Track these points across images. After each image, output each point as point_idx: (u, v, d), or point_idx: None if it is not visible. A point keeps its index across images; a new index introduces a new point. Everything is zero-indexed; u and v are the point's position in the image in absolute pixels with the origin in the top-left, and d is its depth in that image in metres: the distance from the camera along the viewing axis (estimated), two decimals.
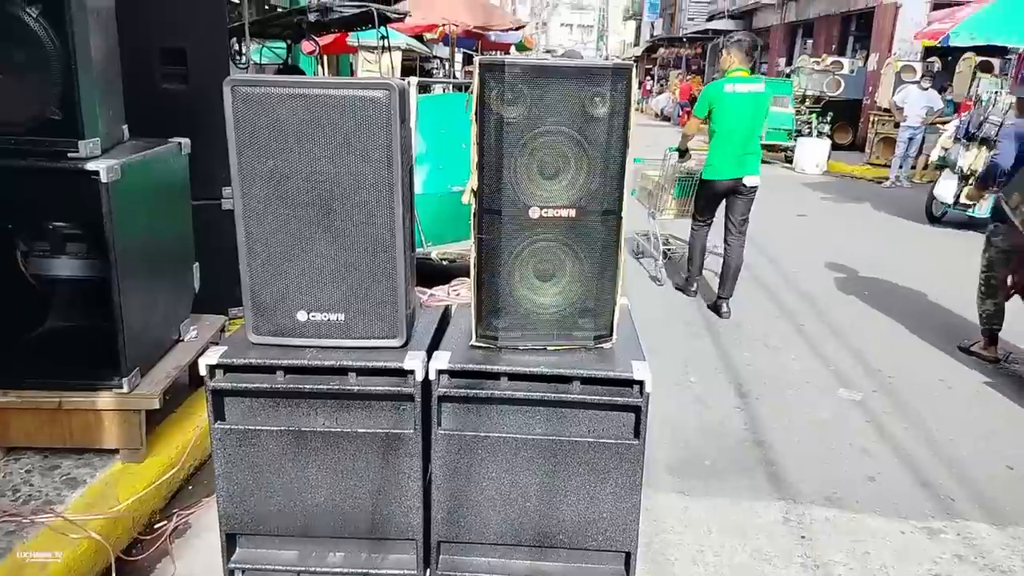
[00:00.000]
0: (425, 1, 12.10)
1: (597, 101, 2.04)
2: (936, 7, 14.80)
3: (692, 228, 5.52)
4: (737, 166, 4.93)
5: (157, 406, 2.67)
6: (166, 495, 2.74)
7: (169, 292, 3.01)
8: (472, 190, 2.10)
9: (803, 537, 2.67)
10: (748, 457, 3.22)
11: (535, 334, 2.20)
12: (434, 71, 21.01)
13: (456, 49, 15.22)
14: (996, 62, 13.53)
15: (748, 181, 4.95)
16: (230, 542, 2.27)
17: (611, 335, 2.23)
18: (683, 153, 5.72)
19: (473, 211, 2.11)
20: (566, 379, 2.10)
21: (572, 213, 2.11)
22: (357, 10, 4.93)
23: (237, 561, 2.28)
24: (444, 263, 5.08)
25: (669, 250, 6.57)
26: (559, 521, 2.20)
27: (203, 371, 2.11)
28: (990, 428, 3.60)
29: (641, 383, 2.07)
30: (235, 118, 2.03)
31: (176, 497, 2.80)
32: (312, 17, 4.81)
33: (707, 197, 5.25)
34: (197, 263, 3.26)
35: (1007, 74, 13.35)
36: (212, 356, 2.12)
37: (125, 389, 2.63)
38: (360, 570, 2.27)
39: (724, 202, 5.16)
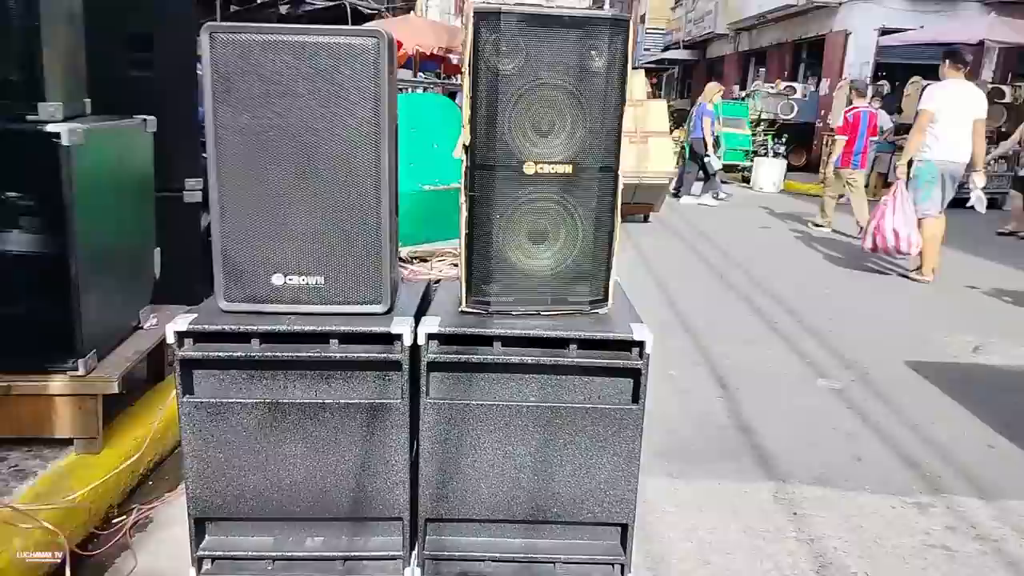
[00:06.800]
0: (388, 25, 12.09)
1: (594, 54, 1.97)
2: (884, 33, 15.35)
3: None
4: None
5: (116, 391, 2.49)
6: (124, 489, 2.55)
7: (129, 274, 2.83)
8: (464, 145, 2.01)
9: (795, 514, 2.61)
10: (734, 442, 3.16)
11: (529, 299, 2.11)
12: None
13: (419, 72, 15.18)
14: None
15: None
16: (199, 528, 2.11)
17: (607, 300, 2.15)
18: None
19: (464, 167, 2.02)
20: (563, 342, 2.01)
21: (568, 169, 2.03)
22: (329, 3, 4.82)
23: (207, 548, 2.11)
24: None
25: None
26: (554, 493, 2.09)
27: (170, 338, 1.97)
28: (965, 412, 3.62)
29: (641, 344, 1.99)
30: (213, 66, 1.91)
31: (135, 493, 2.61)
32: (283, 10, 4.69)
33: None
34: (159, 248, 3.09)
35: None
36: (181, 323, 1.98)
37: (81, 371, 2.45)
38: (341, 553, 2.12)
39: None
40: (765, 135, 15.52)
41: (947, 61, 6.43)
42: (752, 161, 14.85)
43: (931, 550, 2.45)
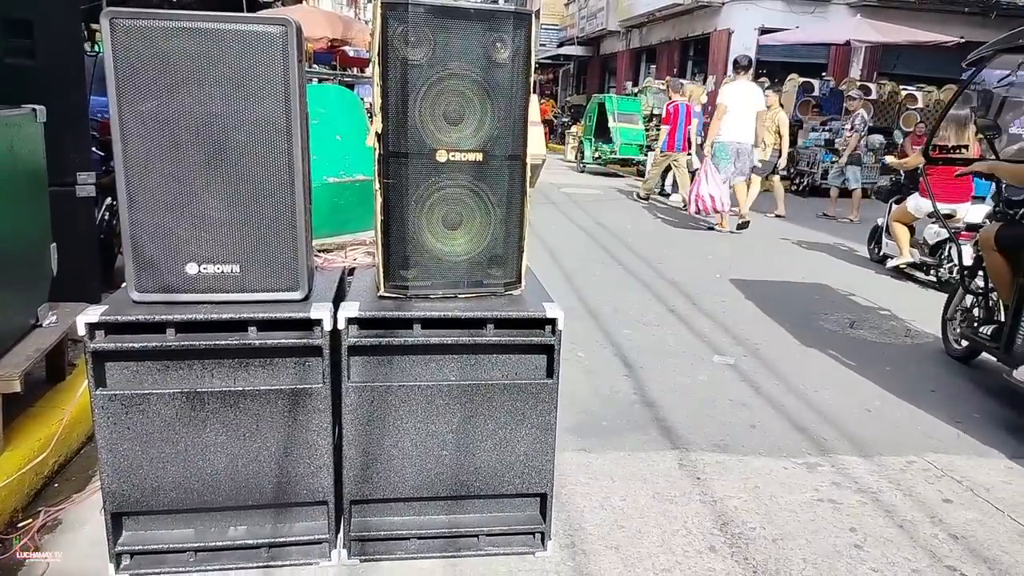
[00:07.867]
0: (283, 14, 11.76)
1: (499, 46, 2.06)
2: (763, 32, 16.25)
3: None
4: None
5: (18, 389, 2.39)
6: (29, 491, 2.45)
7: (25, 270, 2.71)
8: (376, 133, 2.06)
9: (698, 479, 2.80)
10: (640, 416, 3.34)
11: (445, 282, 2.18)
12: None
13: (313, 64, 14.88)
14: (816, 82, 15.08)
15: None
16: (116, 523, 2.07)
17: (520, 282, 2.25)
18: None
19: (377, 155, 2.07)
20: (480, 323, 2.09)
21: (479, 157, 2.11)
22: None
23: (125, 544, 2.08)
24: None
25: None
26: (476, 468, 2.17)
27: (81, 331, 1.92)
28: (844, 381, 3.96)
29: (554, 322, 2.11)
30: (114, 54, 1.88)
31: (40, 496, 2.51)
32: None
33: None
34: (55, 244, 2.96)
35: (824, 93, 14.97)
36: (92, 314, 1.94)
37: None
38: (265, 541, 2.13)
39: None
40: (658, 129, 16.10)
41: (732, 66, 8.77)
42: (646, 155, 15.38)
43: (820, 504, 2.69)
